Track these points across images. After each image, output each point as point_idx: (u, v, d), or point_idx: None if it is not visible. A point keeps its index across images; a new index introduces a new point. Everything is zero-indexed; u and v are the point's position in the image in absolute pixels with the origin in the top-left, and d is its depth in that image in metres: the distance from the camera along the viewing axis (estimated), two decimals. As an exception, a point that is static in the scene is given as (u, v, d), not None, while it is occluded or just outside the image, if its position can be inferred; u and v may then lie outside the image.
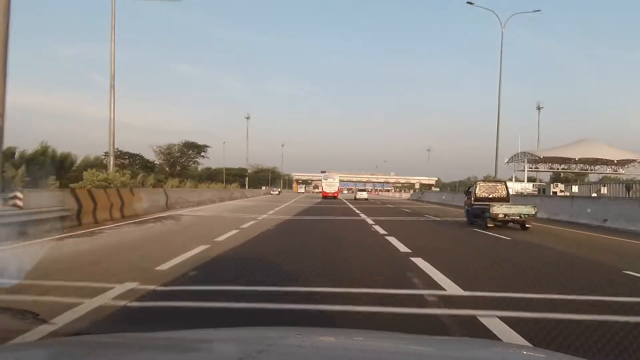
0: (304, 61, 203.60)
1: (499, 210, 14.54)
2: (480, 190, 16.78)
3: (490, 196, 16.47)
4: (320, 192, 61.33)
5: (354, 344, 1.70)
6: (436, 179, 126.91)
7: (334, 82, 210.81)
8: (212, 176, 71.81)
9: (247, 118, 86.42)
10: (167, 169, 65.14)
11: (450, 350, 1.61)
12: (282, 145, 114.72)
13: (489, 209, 14.59)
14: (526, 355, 1.70)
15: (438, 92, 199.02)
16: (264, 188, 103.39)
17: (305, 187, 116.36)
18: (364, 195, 51.41)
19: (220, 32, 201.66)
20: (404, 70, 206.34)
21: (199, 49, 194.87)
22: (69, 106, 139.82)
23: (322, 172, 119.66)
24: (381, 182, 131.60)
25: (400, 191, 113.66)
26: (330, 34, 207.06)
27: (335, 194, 51.31)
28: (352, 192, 69.93)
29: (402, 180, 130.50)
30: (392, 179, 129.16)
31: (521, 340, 3.75)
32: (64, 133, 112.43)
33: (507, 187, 17.76)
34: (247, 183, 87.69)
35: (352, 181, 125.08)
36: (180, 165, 70.95)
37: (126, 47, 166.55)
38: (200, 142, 77.27)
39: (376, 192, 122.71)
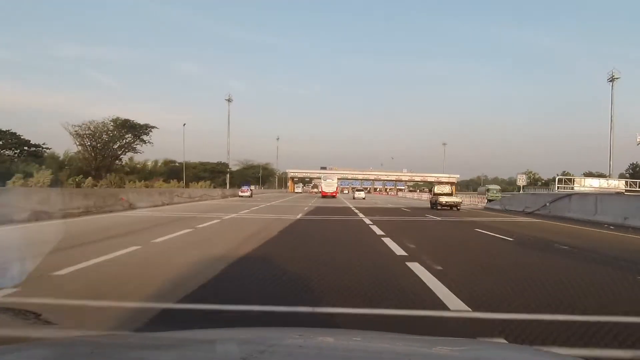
0: (304, 58, 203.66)
1: (442, 199, 26.58)
2: (437, 189, 29.10)
3: (442, 192, 27.92)
4: (319, 191, 63.00)
5: (356, 344, 1.71)
6: (457, 176, 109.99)
7: (334, 78, 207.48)
8: (175, 172, 54.69)
9: (229, 100, 69.46)
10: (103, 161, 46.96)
11: (453, 351, 1.62)
12: (277, 138, 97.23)
13: (438, 199, 26.72)
14: (530, 356, 1.65)
15: (443, 91, 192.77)
16: (253, 187, 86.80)
17: (302, 187, 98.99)
18: (362, 195, 51.34)
19: (218, 30, 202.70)
20: (410, 66, 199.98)
21: (195, 47, 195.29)
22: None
23: (322, 168, 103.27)
24: (392, 181, 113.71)
25: (417, 191, 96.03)
26: (331, 33, 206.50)
27: (334, 194, 54.05)
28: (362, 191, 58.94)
29: (416, 178, 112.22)
30: (404, 176, 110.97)
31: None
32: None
33: (451, 187, 35.45)
34: (228, 181, 70.24)
35: (358, 179, 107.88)
36: (112, 153, 50.76)
37: (124, 46, 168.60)
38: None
39: (389, 192, 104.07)
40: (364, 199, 45.96)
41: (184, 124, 61.30)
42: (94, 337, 1.89)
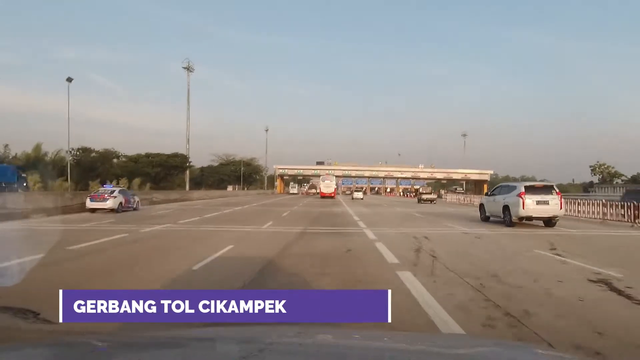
0: (304, 57, 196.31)
1: (424, 196, 43.27)
2: (421, 189, 52.52)
3: (425, 192, 46.70)
4: (317, 192, 61.56)
5: (355, 342, 1.70)
6: (490, 172, 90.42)
7: (334, 78, 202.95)
8: (93, 169, 35.49)
9: (187, 69, 49.25)
10: None
11: (452, 348, 1.60)
12: (266, 130, 77.25)
13: (421, 196, 43.67)
14: (529, 356, 1.62)
15: (448, 90, 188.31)
16: (229, 188, 67.01)
17: (299, 187, 79.16)
18: (359, 195, 51.28)
19: (217, 30, 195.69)
20: (415, 65, 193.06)
21: (194, 46, 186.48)
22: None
23: (318, 163, 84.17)
24: (407, 178, 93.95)
25: (445, 191, 76.50)
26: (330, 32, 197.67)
27: (332, 194, 52.16)
28: (360, 192, 54.27)
29: (438, 175, 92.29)
30: (423, 172, 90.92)
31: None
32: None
33: (431, 188, 65.14)
34: (187, 180, 50.08)
35: (364, 176, 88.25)
36: None
37: (124, 47, 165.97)
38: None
39: (415, 194, 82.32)
40: (361, 199, 48.05)
41: (69, 79, 36.40)
42: (94, 337, 1.76)
